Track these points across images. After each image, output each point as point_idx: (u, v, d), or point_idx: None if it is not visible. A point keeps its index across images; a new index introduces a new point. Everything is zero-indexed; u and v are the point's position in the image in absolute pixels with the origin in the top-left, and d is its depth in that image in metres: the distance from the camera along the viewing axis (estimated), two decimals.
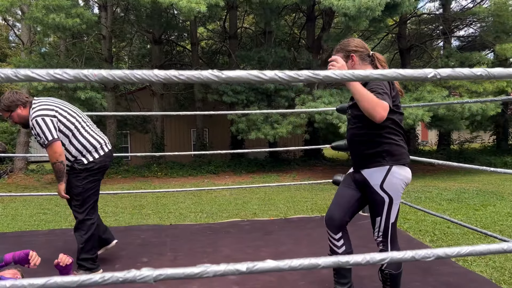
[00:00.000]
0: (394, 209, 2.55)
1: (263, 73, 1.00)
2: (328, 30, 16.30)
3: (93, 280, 0.97)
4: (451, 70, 1.08)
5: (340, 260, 1.04)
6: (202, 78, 1.01)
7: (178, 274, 0.99)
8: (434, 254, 1.08)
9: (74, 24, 12.41)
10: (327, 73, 1.04)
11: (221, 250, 4.07)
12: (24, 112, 3.41)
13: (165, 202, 9.31)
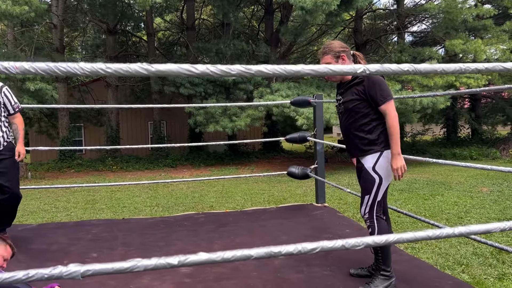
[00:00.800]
0: (382, 189, 2.83)
1: (194, 67, 1.00)
2: (286, 24, 16.39)
3: (16, 278, 0.93)
4: (379, 66, 1.11)
5: (273, 250, 1.05)
6: (131, 71, 0.99)
7: (107, 269, 0.97)
8: (363, 243, 1.11)
9: (22, 11, 11.83)
10: (259, 67, 1.04)
11: (175, 243, 4.03)
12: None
13: (119, 197, 9.11)
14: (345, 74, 1.09)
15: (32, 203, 8.65)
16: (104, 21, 16.97)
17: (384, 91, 2.72)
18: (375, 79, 2.76)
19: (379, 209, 2.87)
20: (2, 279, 0.90)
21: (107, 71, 0.97)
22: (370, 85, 2.74)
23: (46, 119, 18.21)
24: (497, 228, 1.10)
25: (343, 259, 3.53)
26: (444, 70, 1.17)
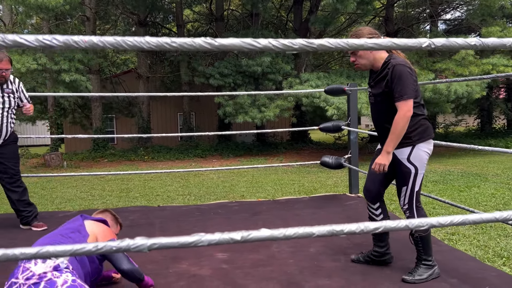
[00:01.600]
0: (419, 179, 2.79)
1: (256, 41, 0.99)
2: (316, 13, 16.20)
3: (87, 249, 0.96)
4: (445, 40, 1.07)
5: (335, 229, 1.04)
6: (195, 46, 0.99)
7: (173, 243, 0.99)
8: (428, 223, 1.09)
9: (57, 4, 12.12)
10: (321, 41, 1.03)
11: (210, 230, 4.08)
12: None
13: (152, 186, 9.28)
14: (409, 49, 1.07)
15: (69, 191, 8.91)
16: (135, 13, 17.20)
17: (404, 87, 2.57)
18: (398, 72, 2.60)
19: (418, 199, 2.84)
20: (73, 250, 0.93)
21: (172, 45, 0.98)
22: (392, 78, 2.61)
23: (79, 110, 18.69)
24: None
25: None
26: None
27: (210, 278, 2.97)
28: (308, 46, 1.02)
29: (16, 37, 0.93)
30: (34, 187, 9.48)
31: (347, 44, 1.03)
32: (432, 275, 2.86)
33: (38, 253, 0.90)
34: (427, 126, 2.78)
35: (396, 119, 2.60)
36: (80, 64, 13.66)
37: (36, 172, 12.92)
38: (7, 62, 3.75)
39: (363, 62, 2.77)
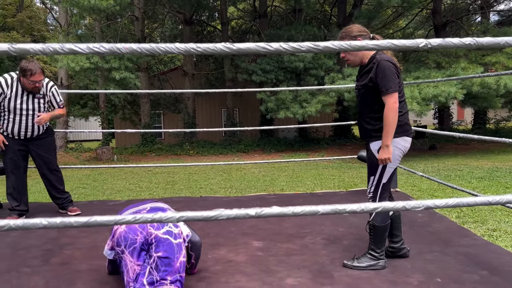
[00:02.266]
0: (388, 171, 2.91)
1: (269, 45, 1.15)
2: (360, 7, 16.01)
3: (127, 220, 1.16)
4: (441, 40, 1.19)
5: (338, 208, 1.19)
6: (217, 50, 1.16)
7: (197, 216, 1.17)
8: (423, 205, 1.22)
9: (108, 5, 12.74)
10: (326, 44, 1.18)
11: (247, 220, 4.28)
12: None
13: (196, 179, 9.63)
14: (406, 49, 1.20)
15: (119, 183, 9.43)
16: (181, 12, 17.71)
17: (388, 82, 2.69)
18: (382, 67, 2.72)
19: (383, 191, 2.95)
20: (110, 221, 1.14)
21: (197, 50, 1.16)
22: (377, 73, 2.72)
23: (129, 107, 19.51)
24: None
25: (413, 241, 3.55)
26: (507, 43, 1.22)
27: (245, 264, 3.16)
28: (315, 48, 1.17)
29: (72, 46, 1.15)
30: (87, 179, 10.09)
31: (349, 45, 1.18)
32: (374, 266, 2.98)
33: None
34: (403, 123, 2.86)
35: (385, 112, 2.72)
36: (130, 62, 14.29)
37: (88, 165, 13.66)
38: (40, 73, 4.03)
39: (352, 58, 2.91)
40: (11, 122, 4.14)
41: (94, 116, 23.68)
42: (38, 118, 4.13)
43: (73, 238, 3.68)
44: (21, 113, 4.13)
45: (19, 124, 4.15)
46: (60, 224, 1.08)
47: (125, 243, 2.40)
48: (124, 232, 2.42)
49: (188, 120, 17.96)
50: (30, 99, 4.14)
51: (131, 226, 2.41)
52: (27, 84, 4.01)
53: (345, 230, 3.93)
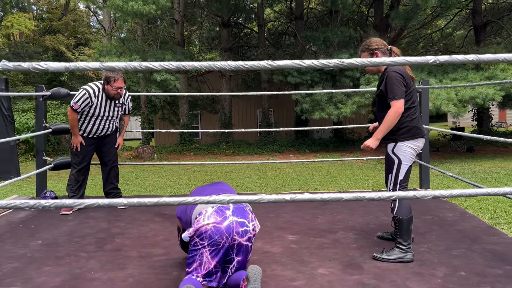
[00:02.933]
0: (403, 169, 3.24)
1: (303, 62, 1.41)
2: (397, 8, 15.93)
3: (187, 201, 1.45)
4: (448, 57, 1.42)
5: (359, 195, 1.44)
6: (260, 67, 1.43)
7: (244, 199, 1.45)
8: (431, 194, 1.45)
9: (150, 10, 13.30)
10: (350, 60, 1.43)
11: (283, 216, 4.53)
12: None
13: (233, 177, 9.97)
14: (418, 64, 1.43)
15: (160, 180, 9.90)
16: (219, 15, 18.16)
17: (393, 90, 3.06)
18: (389, 77, 3.08)
19: (401, 187, 3.27)
20: (166, 202, 1.43)
21: (245, 67, 1.43)
22: (386, 82, 3.11)
23: (168, 107, 20.18)
24: None
25: (441, 238, 3.70)
26: (505, 59, 1.43)
27: (279, 255, 3.41)
28: (340, 64, 1.42)
29: (112, 64, 1.45)
30: (130, 176, 10.63)
31: (369, 62, 1.42)
32: (402, 259, 3.21)
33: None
34: (412, 127, 3.19)
35: (388, 114, 3.10)
36: None
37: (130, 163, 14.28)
38: (122, 81, 4.46)
39: (371, 68, 3.32)
40: (90, 124, 4.60)
41: (135, 116, 24.57)
42: (118, 147, 4.84)
43: (123, 229, 4.04)
44: (102, 119, 4.61)
45: (97, 126, 4.63)
46: (137, 204, 1.38)
47: (209, 241, 2.58)
48: (210, 231, 2.57)
49: (224, 120, 18.40)
50: (112, 107, 4.61)
51: (218, 229, 2.57)
52: (111, 91, 4.44)
53: (376, 227, 4.11)
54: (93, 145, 4.73)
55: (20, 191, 8.50)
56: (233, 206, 2.70)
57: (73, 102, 4.49)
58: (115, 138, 4.92)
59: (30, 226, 4.11)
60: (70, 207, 4.71)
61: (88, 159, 4.76)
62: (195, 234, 2.61)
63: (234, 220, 2.62)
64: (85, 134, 4.66)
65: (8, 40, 29.76)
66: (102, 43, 17.10)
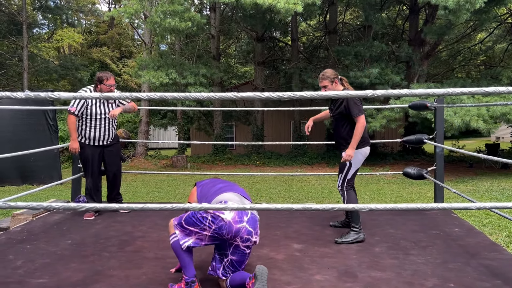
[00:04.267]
0: (352, 171, 4.23)
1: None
2: (432, 23, 15.86)
3: (228, 205, 1.78)
4: (384, 91, 1.69)
5: (306, 206, 1.72)
6: (305, 96, 1.75)
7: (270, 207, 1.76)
8: (367, 207, 1.72)
9: (187, 26, 13.93)
10: (301, 93, 1.72)
11: (292, 226, 4.78)
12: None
13: (259, 188, 10.28)
14: (356, 96, 1.71)
15: (190, 188, 10.34)
16: (254, 30, 18.66)
17: (356, 108, 3.94)
18: (351, 100, 3.95)
19: (348, 185, 4.24)
20: (205, 207, 1.76)
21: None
22: (349, 104, 3.95)
23: (204, 118, 20.81)
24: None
25: (441, 252, 3.85)
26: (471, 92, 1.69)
27: (281, 261, 3.67)
28: (293, 96, 1.72)
29: (109, 94, 1.80)
30: (162, 184, 11.14)
31: (374, 93, 1.70)
32: (357, 239, 4.08)
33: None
34: (363, 137, 4.11)
35: (357, 128, 3.99)
36: (204, 78, 15.40)
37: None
38: (113, 78, 4.87)
39: (331, 86, 4.07)
40: (91, 128, 4.92)
41: (172, 126, 25.42)
42: (111, 112, 4.88)
43: (144, 233, 4.42)
44: (100, 117, 4.92)
45: (97, 129, 4.94)
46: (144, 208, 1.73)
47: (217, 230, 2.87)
48: (225, 223, 2.85)
49: (256, 132, 18.78)
50: (105, 103, 4.93)
51: (231, 226, 2.86)
52: (105, 89, 4.82)
53: (379, 238, 4.29)
54: (98, 154, 5.04)
55: (60, 195, 9.16)
56: (250, 215, 2.98)
57: (70, 106, 4.85)
58: (119, 147, 5.23)
59: (62, 227, 4.58)
60: (91, 212, 5.14)
61: (98, 167, 5.08)
62: (212, 213, 2.86)
63: (246, 227, 2.90)
64: (89, 142, 4.96)
65: (58, 53, 31.56)
66: (142, 57, 17.97)
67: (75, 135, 4.88)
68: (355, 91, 1.66)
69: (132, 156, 18.83)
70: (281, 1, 11.81)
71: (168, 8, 13.89)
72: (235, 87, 22.05)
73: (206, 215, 2.88)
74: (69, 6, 26.50)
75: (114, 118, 5.07)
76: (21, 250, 3.82)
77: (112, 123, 5.09)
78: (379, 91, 1.64)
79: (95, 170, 5.06)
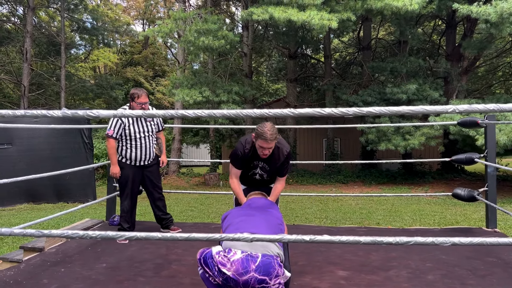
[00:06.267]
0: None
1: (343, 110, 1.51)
2: (470, 37, 15.36)
3: (214, 237, 1.59)
4: (467, 106, 1.46)
5: (377, 239, 1.49)
6: (337, 112, 1.56)
7: (265, 238, 1.56)
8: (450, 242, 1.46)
9: (220, 45, 13.99)
10: (369, 109, 1.51)
11: (334, 250, 4.51)
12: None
13: (293, 207, 10.00)
14: (438, 113, 1.48)
15: (223, 207, 10.18)
16: (286, 47, 18.59)
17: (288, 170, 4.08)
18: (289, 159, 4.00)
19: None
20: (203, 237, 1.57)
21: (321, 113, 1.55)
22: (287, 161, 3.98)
23: (236, 135, 20.76)
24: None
25: (503, 283, 3.51)
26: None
27: None
28: (359, 112, 1.51)
29: (153, 112, 1.63)
30: (195, 202, 11.03)
31: (388, 110, 1.50)
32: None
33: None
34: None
35: (280, 187, 4.16)
36: (237, 95, 15.37)
37: (197, 190, 14.81)
38: (145, 96, 4.71)
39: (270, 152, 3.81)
40: (131, 148, 4.80)
41: (204, 144, 25.51)
42: (162, 164, 5.06)
43: (180, 256, 4.26)
44: (139, 136, 4.79)
45: (138, 149, 4.81)
46: (170, 238, 1.54)
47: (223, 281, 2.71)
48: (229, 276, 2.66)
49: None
50: (143, 122, 4.82)
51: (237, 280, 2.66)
52: (136, 106, 4.66)
53: (432, 265, 3.97)
54: (138, 175, 4.89)
55: (94, 214, 9.16)
56: (260, 260, 2.69)
57: (108, 130, 4.73)
58: (158, 169, 5.09)
59: (97, 249, 4.47)
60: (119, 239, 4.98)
61: (136, 188, 4.95)
62: (217, 264, 2.68)
63: (255, 276, 2.64)
64: (130, 162, 4.83)
65: (94, 72, 32.53)
66: (176, 75, 18.17)
67: (115, 159, 4.77)
68: (431, 106, 1.43)
69: (165, 174, 18.92)
70: (315, 17, 11.68)
71: (201, 27, 14.01)
72: (266, 104, 21.96)
73: (214, 264, 2.70)
74: (105, 27, 27.30)
75: (153, 139, 4.97)
76: (56, 274, 3.71)
77: (152, 142, 4.96)
78: (460, 106, 1.41)
79: (133, 192, 4.93)
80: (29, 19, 20.08)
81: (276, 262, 2.73)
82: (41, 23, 25.43)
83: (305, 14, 11.96)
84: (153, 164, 5.00)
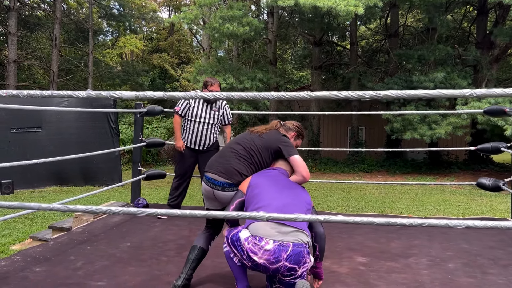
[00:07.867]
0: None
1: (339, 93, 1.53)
2: (502, 24, 14.85)
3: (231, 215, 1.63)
4: (486, 90, 1.44)
5: (391, 220, 1.51)
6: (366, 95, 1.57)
7: (280, 217, 1.59)
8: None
9: (245, 31, 13.97)
10: (386, 92, 1.51)
11: (355, 237, 4.52)
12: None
13: (316, 195, 10.00)
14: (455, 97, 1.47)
15: None
16: (311, 34, 18.40)
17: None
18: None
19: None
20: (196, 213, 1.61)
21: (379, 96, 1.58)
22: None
23: (259, 123, 20.80)
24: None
25: None
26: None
27: (345, 275, 3.43)
28: (376, 96, 1.52)
29: (173, 94, 1.67)
30: None
31: (405, 94, 1.49)
32: None
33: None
34: None
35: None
36: (261, 83, 15.35)
37: None
38: (217, 86, 4.93)
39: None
40: (189, 131, 4.99)
41: None
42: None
43: None
44: (200, 120, 4.96)
45: (196, 133, 4.97)
46: (189, 214, 1.60)
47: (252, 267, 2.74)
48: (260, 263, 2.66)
49: (312, 137, 18.46)
50: (208, 110, 4.98)
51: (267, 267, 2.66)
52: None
53: (453, 254, 3.94)
54: (193, 158, 5.04)
55: (120, 197, 9.40)
56: (291, 250, 2.66)
57: (176, 106, 5.00)
58: (213, 154, 5.20)
59: (122, 229, 4.61)
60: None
61: (189, 171, 5.09)
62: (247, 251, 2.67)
63: (285, 265, 2.64)
64: (186, 143, 5.02)
65: (121, 59, 32.98)
66: (200, 62, 18.28)
67: (179, 134, 5.03)
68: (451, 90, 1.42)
69: None
70: (341, 3, 11.50)
71: (226, 13, 14.01)
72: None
73: (243, 249, 2.70)
74: (132, 14, 27.58)
75: (214, 128, 5.08)
76: (82, 251, 3.85)
77: (212, 131, 5.07)
78: (478, 90, 1.40)
79: (184, 172, 5.07)
80: (58, 6, 20.47)
81: (306, 251, 2.74)
82: (69, 9, 25.87)
83: (331, 0, 11.80)
84: (209, 150, 5.06)
